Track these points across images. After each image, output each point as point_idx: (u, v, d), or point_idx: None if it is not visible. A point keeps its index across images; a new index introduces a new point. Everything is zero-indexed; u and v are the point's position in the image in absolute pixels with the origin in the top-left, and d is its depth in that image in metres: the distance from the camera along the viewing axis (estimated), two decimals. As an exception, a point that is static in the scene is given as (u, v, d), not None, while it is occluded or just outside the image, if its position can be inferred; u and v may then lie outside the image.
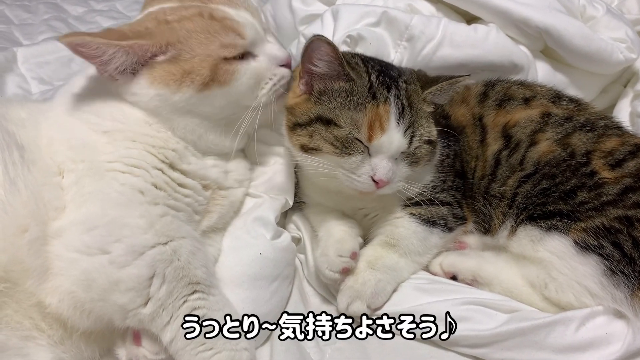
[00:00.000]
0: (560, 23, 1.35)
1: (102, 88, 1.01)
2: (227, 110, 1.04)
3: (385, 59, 1.32)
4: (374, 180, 1.00)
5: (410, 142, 1.02)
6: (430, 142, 1.07)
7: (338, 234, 1.11)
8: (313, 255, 1.14)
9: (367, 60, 1.11)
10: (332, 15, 1.39)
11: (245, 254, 1.05)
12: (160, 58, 0.97)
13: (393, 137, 1.00)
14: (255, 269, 1.03)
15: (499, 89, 1.22)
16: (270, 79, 1.05)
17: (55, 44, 1.97)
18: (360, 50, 1.34)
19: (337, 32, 1.35)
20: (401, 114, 1.01)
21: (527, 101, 1.19)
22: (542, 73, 1.42)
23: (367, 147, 1.00)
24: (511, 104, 1.18)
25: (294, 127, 1.05)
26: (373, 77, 1.05)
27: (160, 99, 0.98)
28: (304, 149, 1.04)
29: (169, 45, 0.96)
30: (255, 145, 1.13)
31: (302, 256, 1.19)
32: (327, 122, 1.02)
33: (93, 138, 0.97)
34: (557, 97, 1.21)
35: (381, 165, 1.00)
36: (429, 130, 1.07)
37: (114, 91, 1.00)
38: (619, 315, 0.98)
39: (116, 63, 0.94)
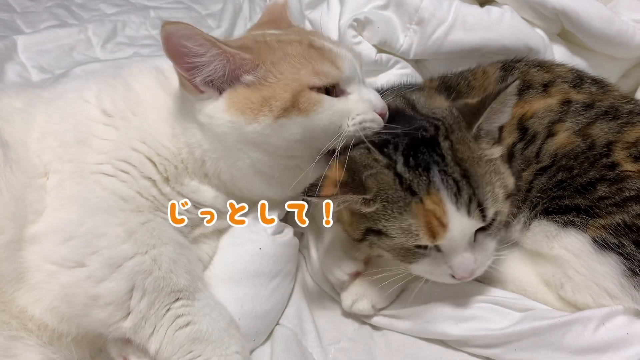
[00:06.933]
0: (579, 4, 1.27)
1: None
2: (297, 147, 0.92)
3: (394, 43, 1.27)
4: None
5: (484, 215, 0.85)
6: (509, 196, 0.90)
7: None
8: (319, 252, 1.09)
9: (386, 144, 0.90)
10: (339, -3, 1.34)
11: (245, 250, 1.01)
12: (247, 78, 0.90)
13: (460, 226, 0.84)
14: (254, 265, 0.99)
15: (517, 75, 1.14)
16: (358, 114, 0.92)
17: (56, 32, 1.94)
18: (367, 34, 1.29)
19: (343, 16, 1.30)
20: (458, 193, 0.83)
21: (546, 87, 1.10)
22: (559, 57, 1.35)
23: (436, 246, 0.87)
24: (529, 93, 1.10)
25: (354, 241, 0.96)
26: (399, 167, 0.86)
27: (232, 127, 0.90)
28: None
29: (262, 64, 0.89)
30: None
31: (305, 251, 1.15)
32: (378, 232, 0.89)
33: (96, 128, 0.93)
34: (578, 78, 1.12)
35: (457, 264, 0.87)
36: (503, 183, 0.88)
37: (186, 107, 0.95)
38: (641, 315, 0.92)
39: (211, 69, 0.88)
